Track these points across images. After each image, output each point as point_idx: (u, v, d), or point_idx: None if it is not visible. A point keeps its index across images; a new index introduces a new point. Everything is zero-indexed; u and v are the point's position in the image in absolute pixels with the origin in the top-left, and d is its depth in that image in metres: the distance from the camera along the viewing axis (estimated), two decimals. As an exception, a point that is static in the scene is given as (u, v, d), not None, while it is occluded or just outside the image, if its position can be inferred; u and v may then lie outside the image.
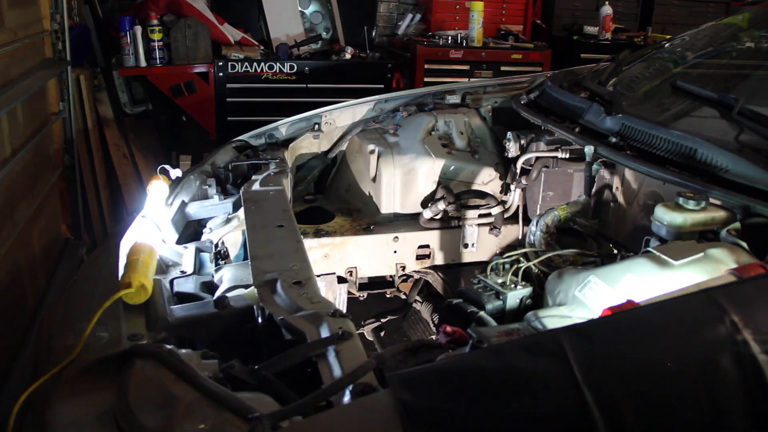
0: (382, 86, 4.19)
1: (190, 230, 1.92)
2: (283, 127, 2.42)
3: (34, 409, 1.03)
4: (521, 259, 1.65)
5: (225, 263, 1.69)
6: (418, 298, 2.29)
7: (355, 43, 4.46)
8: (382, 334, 2.40)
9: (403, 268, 2.18)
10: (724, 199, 1.40)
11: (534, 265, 1.65)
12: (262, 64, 3.95)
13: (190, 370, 0.99)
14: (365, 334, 2.32)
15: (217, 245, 1.73)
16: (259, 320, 1.31)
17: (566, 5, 5.35)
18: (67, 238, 3.41)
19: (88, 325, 1.14)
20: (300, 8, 4.45)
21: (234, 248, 1.77)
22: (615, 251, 1.77)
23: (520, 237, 2.22)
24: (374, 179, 2.28)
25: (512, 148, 2.12)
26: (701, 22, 2.78)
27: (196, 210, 1.93)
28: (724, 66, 2.28)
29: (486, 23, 4.62)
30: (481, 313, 1.51)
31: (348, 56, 4.23)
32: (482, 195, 2.18)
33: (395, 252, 2.15)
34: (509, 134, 2.14)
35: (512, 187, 2.18)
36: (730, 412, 0.84)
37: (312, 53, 4.30)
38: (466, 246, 2.18)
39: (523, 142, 2.12)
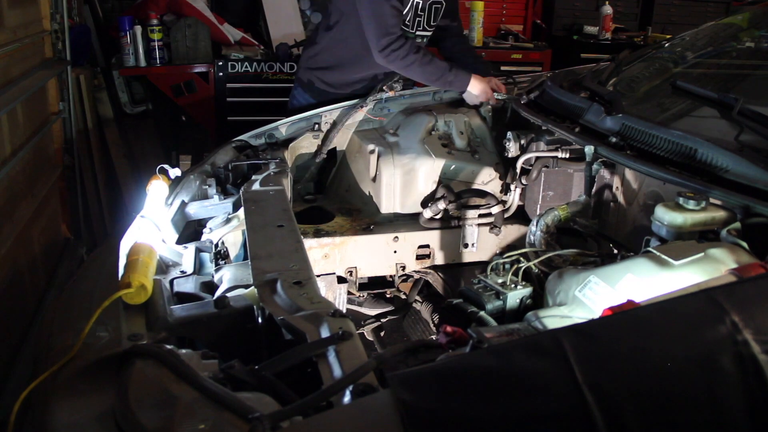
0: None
1: (190, 230, 1.92)
2: (283, 127, 2.42)
3: (35, 408, 1.02)
4: (521, 259, 1.65)
5: (225, 263, 1.69)
6: (418, 298, 2.29)
7: (355, 42, 4.45)
8: (382, 334, 2.40)
9: (403, 268, 2.18)
10: (725, 199, 1.40)
11: (534, 265, 1.65)
12: (262, 64, 3.94)
13: (190, 370, 0.99)
14: (365, 334, 2.31)
15: (217, 245, 1.73)
16: (259, 320, 1.31)
17: (566, 5, 5.34)
18: (67, 238, 3.41)
19: (87, 325, 1.14)
20: (300, 8, 4.45)
21: (234, 248, 1.76)
22: (615, 251, 1.77)
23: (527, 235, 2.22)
24: (374, 179, 2.27)
25: (512, 148, 2.12)
26: (701, 22, 2.78)
27: (196, 210, 1.93)
28: (724, 66, 2.28)
29: (486, 23, 4.62)
30: (481, 313, 1.50)
31: (348, 56, 4.22)
32: (482, 194, 2.18)
33: (395, 252, 2.15)
34: (509, 134, 2.14)
35: (512, 186, 2.18)
36: (730, 412, 0.84)
37: (312, 53, 4.29)
38: (466, 246, 2.18)
39: (523, 142, 2.12)
